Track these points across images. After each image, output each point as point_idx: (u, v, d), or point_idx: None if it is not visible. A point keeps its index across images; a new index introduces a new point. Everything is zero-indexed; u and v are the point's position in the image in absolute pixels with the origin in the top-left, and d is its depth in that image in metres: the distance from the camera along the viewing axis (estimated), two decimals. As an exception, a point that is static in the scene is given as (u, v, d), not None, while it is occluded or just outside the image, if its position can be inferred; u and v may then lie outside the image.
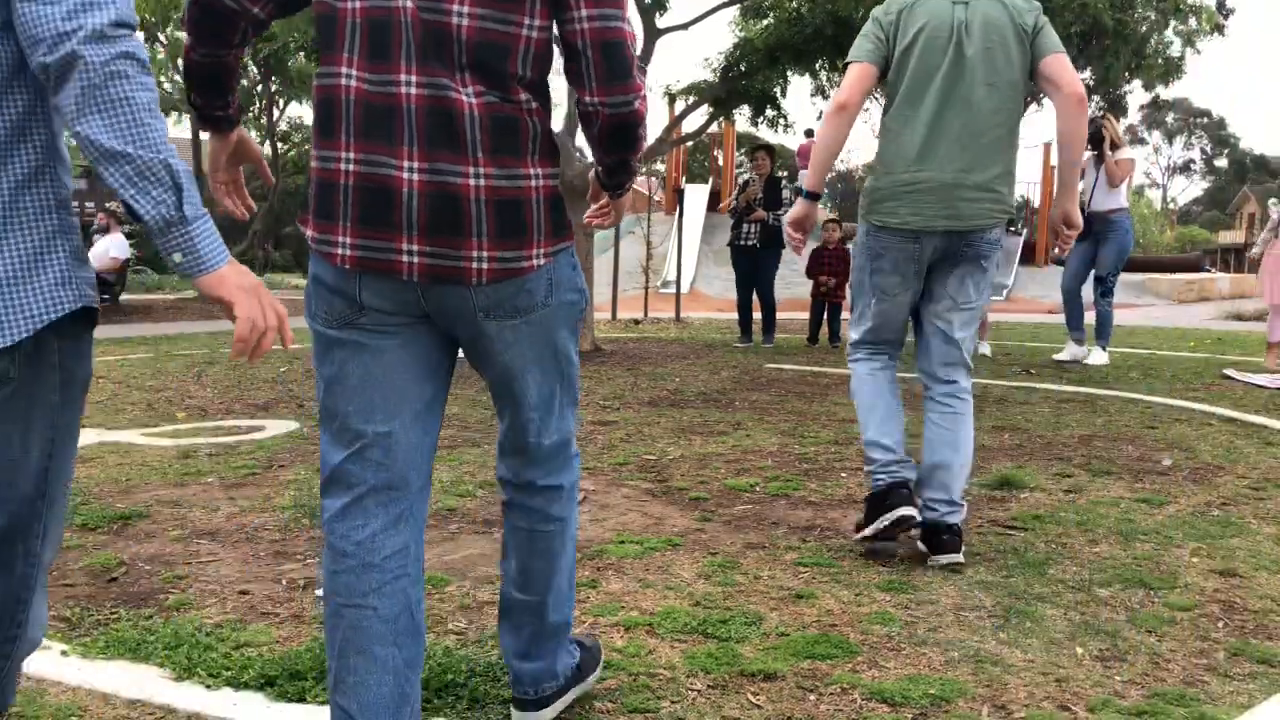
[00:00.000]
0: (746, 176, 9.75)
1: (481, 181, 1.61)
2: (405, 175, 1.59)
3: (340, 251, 1.62)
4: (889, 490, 2.95)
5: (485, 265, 1.63)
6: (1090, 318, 7.85)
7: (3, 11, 1.25)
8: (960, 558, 2.89)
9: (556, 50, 1.70)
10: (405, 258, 1.61)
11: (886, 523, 2.92)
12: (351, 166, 1.61)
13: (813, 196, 3.15)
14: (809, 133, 16.59)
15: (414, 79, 1.59)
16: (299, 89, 15.40)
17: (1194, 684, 2.14)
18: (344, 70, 1.61)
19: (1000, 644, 2.34)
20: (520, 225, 1.65)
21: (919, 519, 2.94)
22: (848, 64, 3.07)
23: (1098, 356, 7.75)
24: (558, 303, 1.73)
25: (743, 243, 9.30)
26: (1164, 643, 2.35)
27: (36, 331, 1.32)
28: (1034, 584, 2.74)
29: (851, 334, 3.21)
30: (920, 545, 2.98)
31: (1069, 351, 7.95)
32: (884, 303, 3.08)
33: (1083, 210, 7.87)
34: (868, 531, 2.97)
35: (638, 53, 1.73)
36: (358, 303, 1.65)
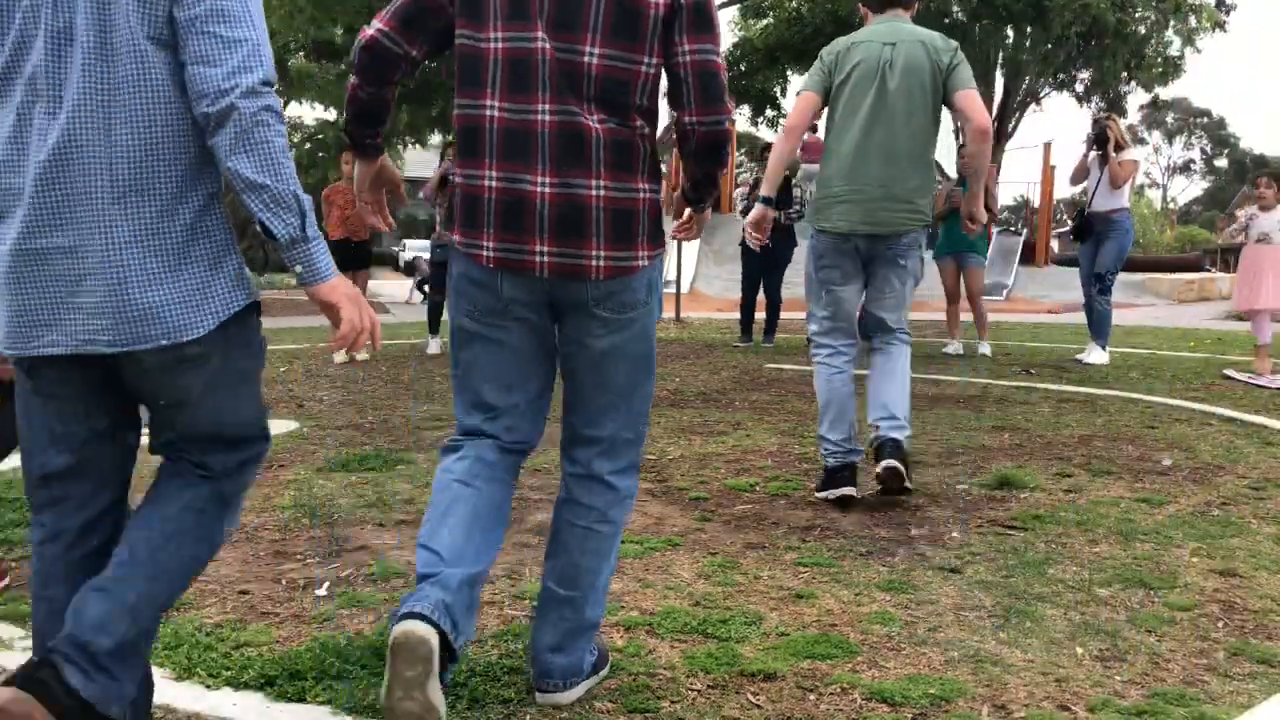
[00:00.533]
0: (757, 175, 9.73)
1: (601, 193, 1.94)
2: (538, 189, 1.92)
3: (485, 253, 1.96)
4: (839, 468, 3.56)
5: (602, 263, 1.95)
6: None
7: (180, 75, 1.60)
8: (897, 465, 3.41)
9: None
10: (537, 257, 1.94)
11: (833, 496, 3.54)
12: (494, 183, 1.94)
13: (767, 201, 3.75)
14: (814, 128, 16.60)
15: (548, 108, 1.91)
16: (299, 89, 15.38)
17: (1194, 684, 2.14)
18: (487, 103, 1.94)
19: (1000, 644, 2.34)
20: (630, 231, 1.97)
21: (857, 497, 3.54)
22: (799, 93, 3.73)
23: (1096, 355, 7.76)
24: (654, 302, 2.06)
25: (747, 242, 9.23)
26: (1164, 643, 2.35)
27: (221, 323, 1.67)
28: (1034, 584, 2.74)
29: (811, 326, 3.77)
30: (873, 460, 3.53)
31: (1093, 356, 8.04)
32: (832, 293, 3.68)
33: (1084, 210, 7.92)
34: (820, 496, 3.60)
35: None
36: (500, 295, 1.97)
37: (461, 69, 1.97)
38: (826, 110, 3.68)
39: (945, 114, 3.63)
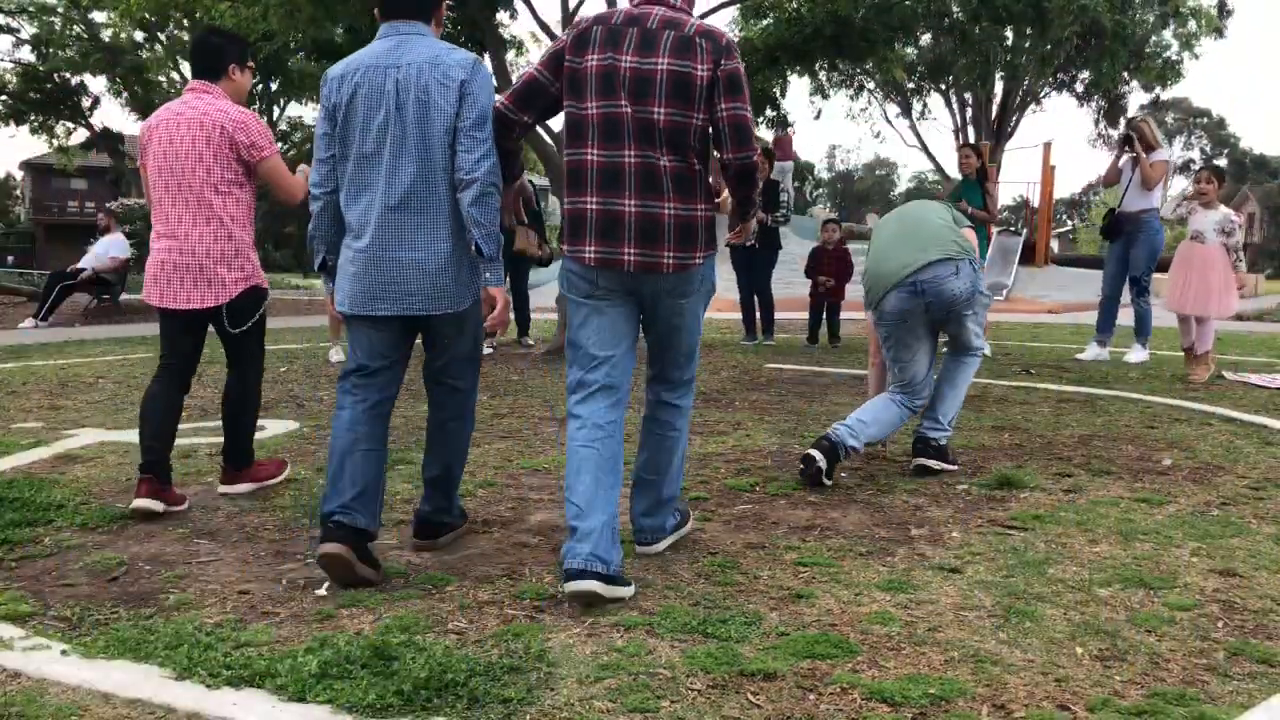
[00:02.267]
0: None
1: (670, 211, 2.74)
2: (627, 209, 2.74)
3: (587, 256, 2.77)
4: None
5: (671, 261, 2.75)
6: (1128, 318, 8.00)
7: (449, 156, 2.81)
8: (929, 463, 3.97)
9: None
10: (627, 257, 2.74)
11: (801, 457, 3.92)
12: (594, 206, 2.76)
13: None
14: (784, 125, 16.70)
15: (632, 153, 2.73)
16: (299, 89, 15.37)
17: (1194, 684, 2.14)
18: (589, 151, 2.77)
19: (1000, 644, 2.34)
20: (691, 239, 2.76)
21: (818, 464, 3.82)
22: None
23: (1138, 354, 7.90)
24: (705, 290, 2.88)
25: (742, 245, 9.34)
26: (1164, 642, 2.35)
27: (475, 300, 2.91)
28: (1034, 584, 2.74)
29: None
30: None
31: (1090, 352, 8.15)
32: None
33: (1113, 211, 7.97)
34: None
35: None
36: (596, 284, 2.79)
37: (569, 129, 2.83)
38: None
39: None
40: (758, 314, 9.53)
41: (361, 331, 2.90)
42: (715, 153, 2.82)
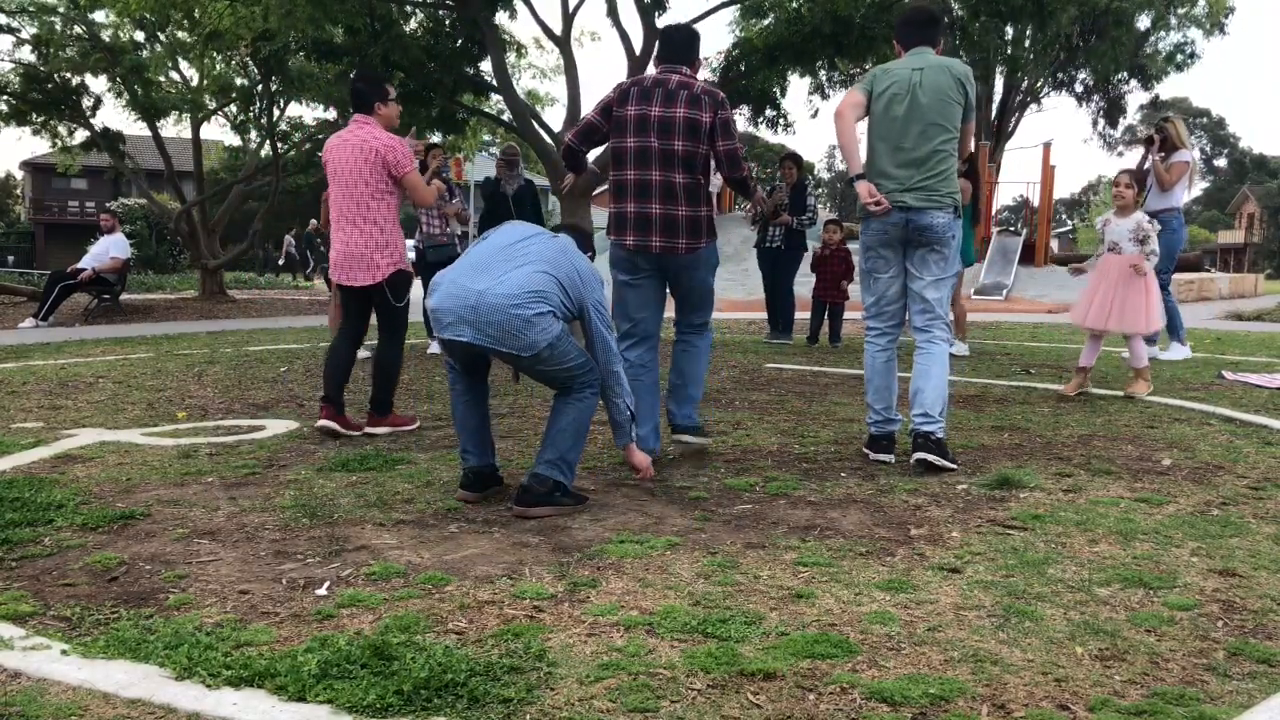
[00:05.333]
0: (775, 184, 9.98)
1: (684, 213, 4.09)
2: (654, 211, 4.08)
3: (629, 243, 4.11)
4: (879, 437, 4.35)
5: (684, 246, 4.10)
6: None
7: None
8: (931, 458, 4.04)
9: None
10: (654, 243, 4.09)
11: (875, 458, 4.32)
12: (631, 210, 4.11)
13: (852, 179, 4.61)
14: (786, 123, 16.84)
15: (656, 173, 4.07)
16: (299, 89, 15.35)
17: (1193, 684, 2.14)
18: (628, 172, 4.11)
19: (1000, 644, 2.34)
20: (698, 230, 4.12)
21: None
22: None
23: (1177, 352, 7.97)
24: (711, 264, 4.24)
25: (768, 245, 9.75)
26: (1163, 642, 2.35)
27: None
28: (1034, 584, 2.74)
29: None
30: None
31: (1174, 351, 8.15)
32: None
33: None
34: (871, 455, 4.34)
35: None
36: (635, 265, 4.15)
37: (613, 156, 4.19)
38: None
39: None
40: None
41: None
42: (718, 169, 4.20)
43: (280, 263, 20.37)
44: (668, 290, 4.24)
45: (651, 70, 4.31)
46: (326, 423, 4.76)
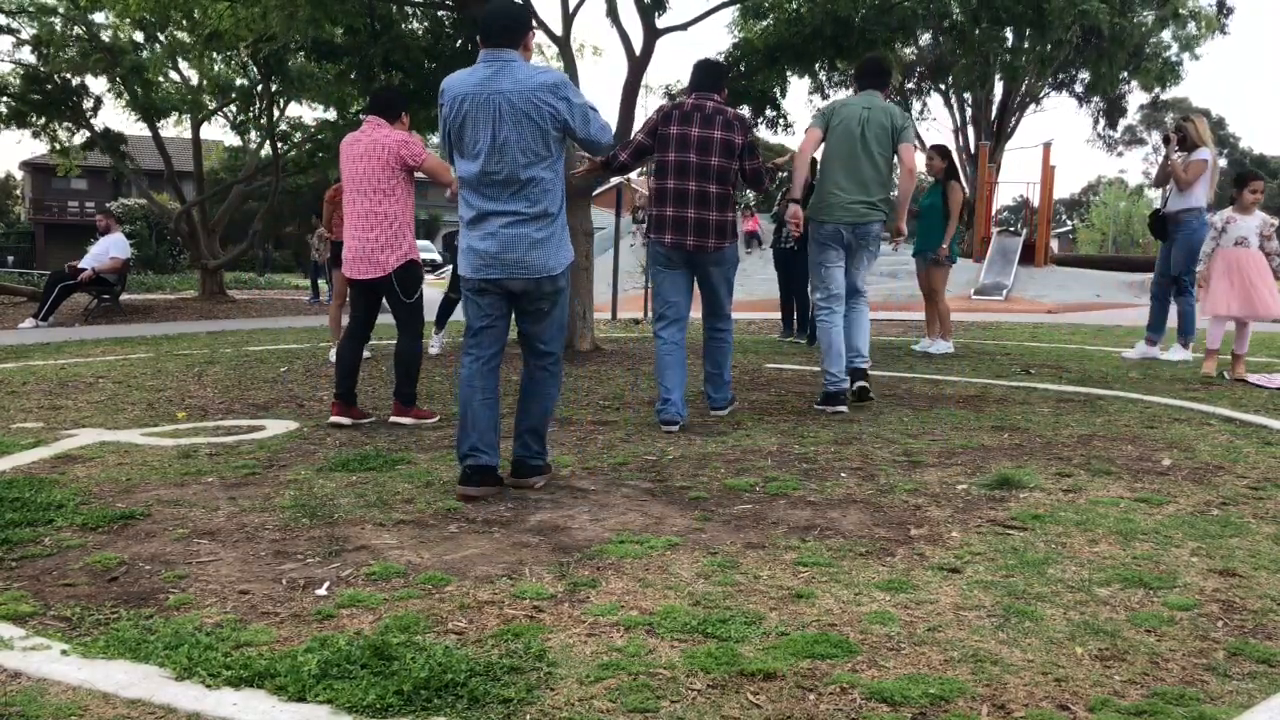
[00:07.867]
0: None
1: (714, 217, 5.04)
2: (690, 215, 5.02)
3: (667, 240, 5.04)
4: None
5: (712, 244, 5.05)
6: (1173, 316, 8.06)
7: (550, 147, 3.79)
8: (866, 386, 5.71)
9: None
10: (689, 242, 5.03)
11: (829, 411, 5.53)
12: (670, 213, 5.04)
13: (795, 201, 5.73)
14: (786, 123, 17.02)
15: (693, 183, 5.01)
16: (299, 89, 15.35)
17: (1193, 684, 2.14)
18: (668, 181, 5.03)
19: (1000, 644, 2.34)
20: (725, 232, 5.09)
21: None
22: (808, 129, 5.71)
23: (1177, 353, 7.94)
24: (733, 261, 5.22)
25: (782, 245, 9.99)
26: (1163, 642, 2.35)
27: (565, 267, 3.81)
28: (1034, 584, 2.74)
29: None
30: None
31: (1137, 350, 8.21)
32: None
33: (1158, 212, 8.01)
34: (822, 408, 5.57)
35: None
36: (671, 259, 5.09)
37: (656, 169, 5.05)
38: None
39: None
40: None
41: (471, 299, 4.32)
42: (743, 179, 5.16)
43: (315, 260, 18.17)
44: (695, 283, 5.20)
45: (677, 92, 5.23)
46: (336, 418, 5.11)
